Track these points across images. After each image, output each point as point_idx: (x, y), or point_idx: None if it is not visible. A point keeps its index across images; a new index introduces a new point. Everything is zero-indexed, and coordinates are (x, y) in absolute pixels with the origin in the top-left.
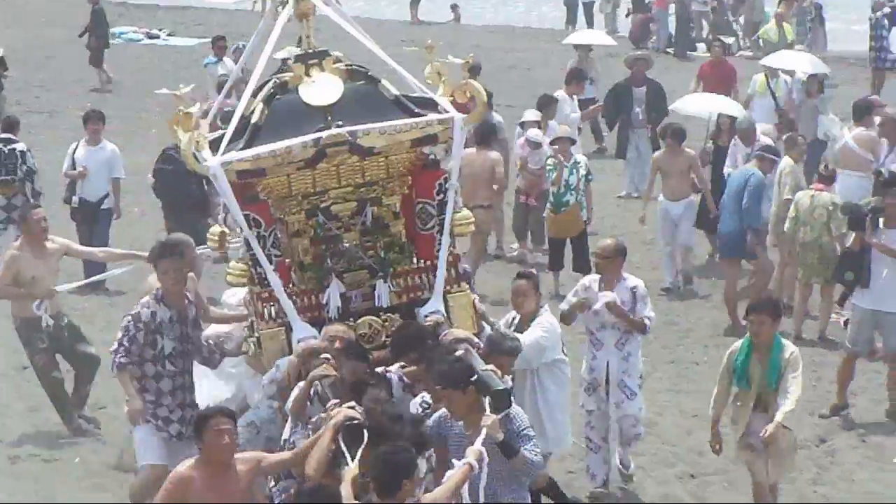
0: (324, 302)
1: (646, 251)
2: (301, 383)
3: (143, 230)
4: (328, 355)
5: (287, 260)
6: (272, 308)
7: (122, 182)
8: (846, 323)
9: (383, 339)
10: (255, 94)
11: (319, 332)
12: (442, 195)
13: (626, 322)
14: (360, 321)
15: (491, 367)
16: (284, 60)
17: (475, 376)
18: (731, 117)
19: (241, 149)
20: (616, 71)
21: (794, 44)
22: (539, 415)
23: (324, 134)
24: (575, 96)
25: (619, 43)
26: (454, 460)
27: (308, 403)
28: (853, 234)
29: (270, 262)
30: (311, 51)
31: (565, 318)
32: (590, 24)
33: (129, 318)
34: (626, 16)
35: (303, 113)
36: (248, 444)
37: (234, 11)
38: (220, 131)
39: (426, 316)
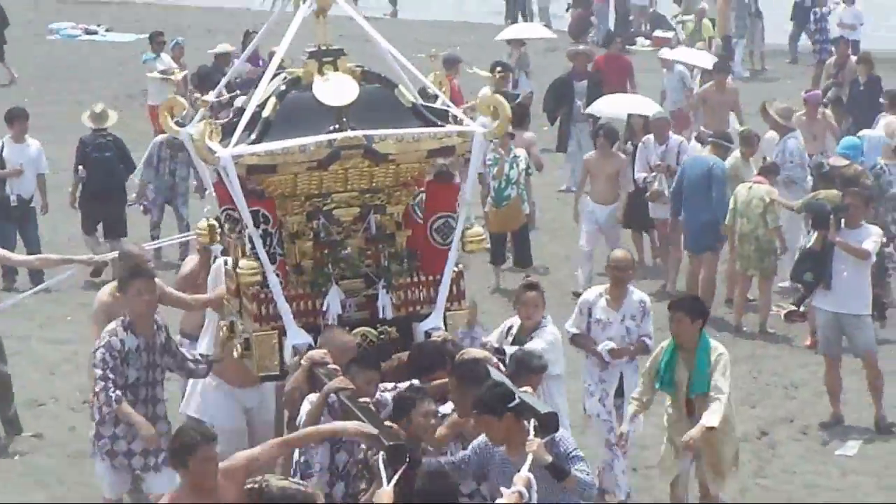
0: (322, 308)
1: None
2: (312, 396)
3: (54, 225)
4: (336, 366)
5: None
6: (268, 309)
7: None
8: (786, 315)
9: (378, 351)
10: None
11: (314, 339)
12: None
13: (630, 355)
14: (355, 331)
15: (527, 388)
16: (218, 56)
17: (515, 401)
18: (643, 116)
19: (252, 143)
20: (555, 65)
21: (713, 39)
22: None
23: (339, 135)
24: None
25: (558, 37)
26: (502, 488)
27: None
28: (814, 234)
29: (274, 262)
30: (325, 48)
31: (575, 344)
32: (525, 17)
33: (102, 349)
34: (567, 10)
35: (316, 111)
36: None
37: (171, 7)
38: (228, 120)
39: (427, 332)
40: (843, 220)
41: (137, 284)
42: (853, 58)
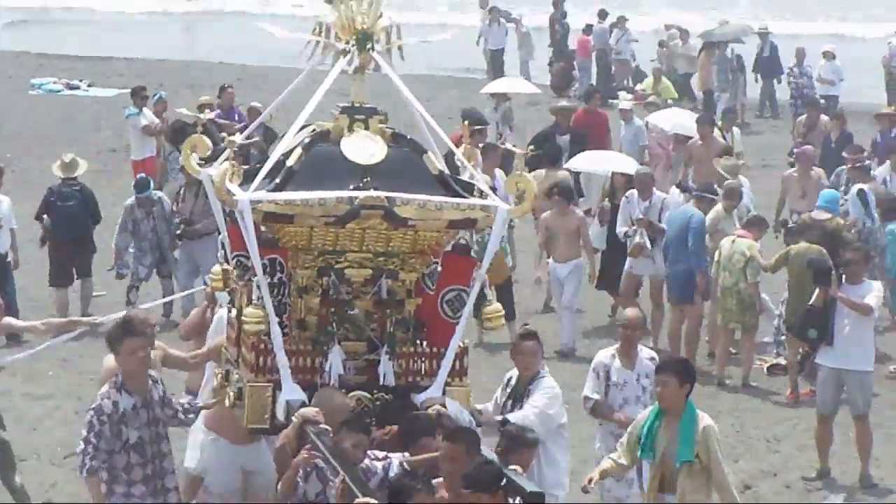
0: (325, 367)
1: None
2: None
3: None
4: (327, 427)
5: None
6: (266, 361)
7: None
8: (769, 369)
9: (370, 418)
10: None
11: (308, 397)
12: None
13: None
14: (350, 395)
15: (515, 467)
16: (200, 107)
17: (505, 479)
18: (624, 174)
19: (272, 190)
20: (536, 118)
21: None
22: (544, 482)
23: (361, 194)
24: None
25: (542, 91)
26: None
27: (302, 483)
28: (816, 290)
29: (283, 313)
30: (358, 105)
31: (595, 414)
32: (500, 72)
33: (92, 412)
34: (549, 64)
35: (340, 167)
36: None
37: (153, 61)
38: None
39: (423, 402)
40: (843, 276)
41: (129, 343)
42: (824, 117)
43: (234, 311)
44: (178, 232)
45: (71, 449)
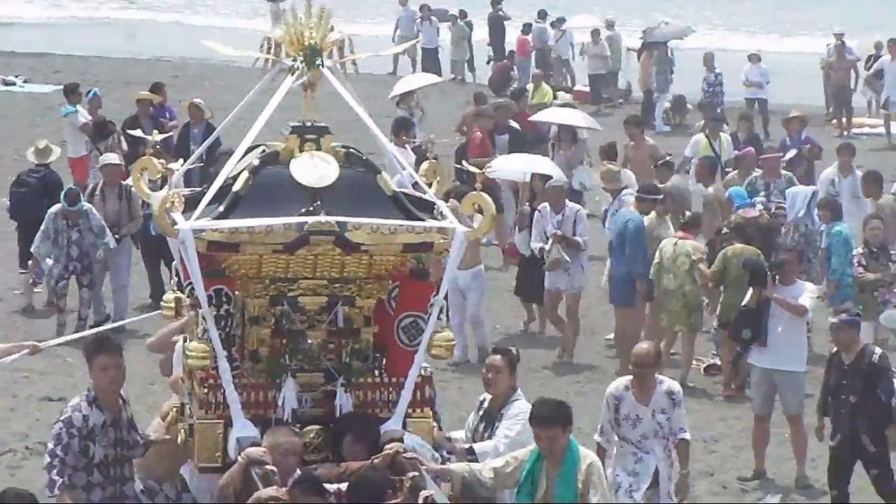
0: (278, 402)
1: None
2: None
3: None
4: (273, 468)
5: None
6: (216, 396)
7: None
8: (706, 369)
9: (329, 453)
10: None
11: (261, 432)
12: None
13: (686, 477)
14: (307, 429)
15: None
16: (139, 101)
17: None
18: (544, 177)
19: (217, 217)
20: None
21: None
22: None
23: (310, 219)
24: (407, 146)
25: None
26: None
27: None
28: (750, 291)
29: (231, 345)
30: (309, 124)
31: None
32: (437, 72)
33: (61, 424)
34: (488, 63)
35: (290, 190)
36: None
37: (90, 58)
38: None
39: (382, 437)
40: (776, 277)
41: (102, 360)
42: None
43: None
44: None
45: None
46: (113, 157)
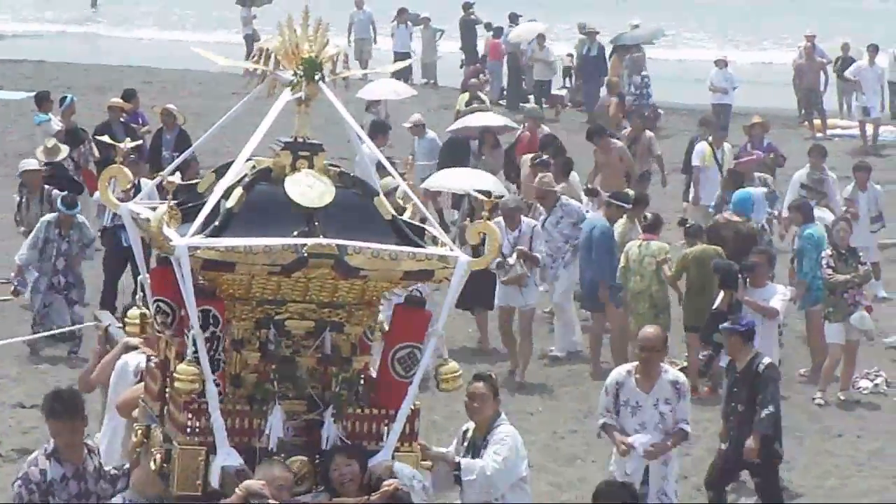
0: (264, 430)
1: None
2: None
3: None
4: (274, 502)
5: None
6: (199, 422)
7: None
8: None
9: (312, 484)
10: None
11: (244, 460)
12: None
13: (668, 450)
14: (291, 459)
15: None
16: (110, 108)
17: None
18: (483, 193)
19: (210, 235)
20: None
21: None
22: None
23: (309, 241)
24: (383, 148)
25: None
26: None
27: None
28: (721, 294)
29: (216, 369)
30: (301, 140)
31: (605, 431)
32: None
33: (19, 482)
34: (460, 67)
35: (284, 210)
36: None
37: (62, 65)
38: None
39: (372, 468)
40: (747, 280)
41: (56, 427)
42: (648, 132)
43: (154, 361)
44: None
45: None
46: (32, 163)
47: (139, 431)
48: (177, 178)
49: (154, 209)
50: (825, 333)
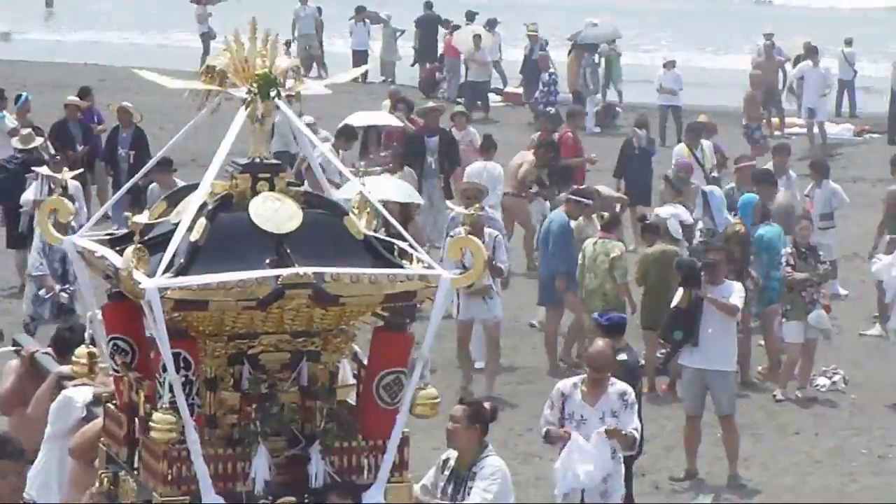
0: (249, 473)
1: None
2: None
3: None
4: None
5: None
6: (181, 470)
7: None
8: None
9: None
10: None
11: None
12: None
13: (620, 440)
14: (280, 501)
15: None
16: (67, 106)
17: None
18: (398, 204)
19: (178, 271)
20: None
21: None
22: None
23: (285, 271)
24: (342, 151)
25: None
26: None
27: None
28: (680, 291)
29: (192, 414)
30: (259, 161)
31: (548, 440)
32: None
33: None
34: (412, 65)
35: (251, 237)
36: None
37: (18, 62)
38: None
39: None
40: (704, 277)
41: (2, 467)
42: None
43: (114, 404)
44: None
45: None
46: None
47: (105, 479)
48: (143, 218)
49: (100, 241)
50: (784, 332)
